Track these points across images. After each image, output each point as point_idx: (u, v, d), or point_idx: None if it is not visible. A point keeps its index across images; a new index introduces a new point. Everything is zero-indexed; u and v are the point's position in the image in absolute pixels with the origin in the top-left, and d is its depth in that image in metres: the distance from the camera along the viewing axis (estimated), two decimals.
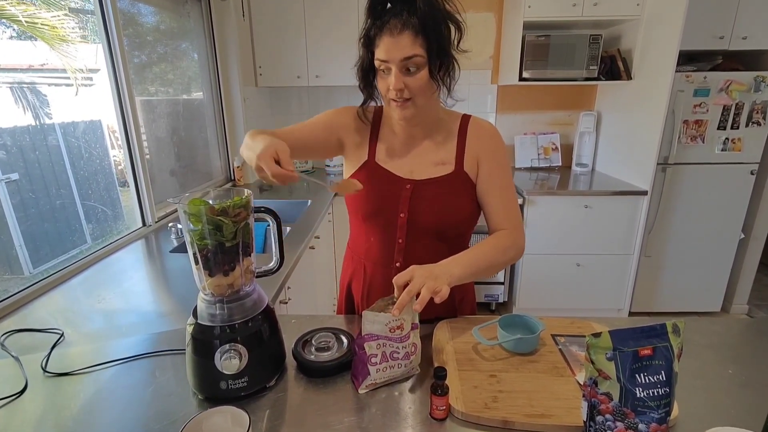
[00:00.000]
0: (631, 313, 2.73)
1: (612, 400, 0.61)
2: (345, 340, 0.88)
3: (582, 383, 0.77)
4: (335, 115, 1.03)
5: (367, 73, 0.92)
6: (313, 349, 0.86)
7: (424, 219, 0.96)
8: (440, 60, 0.87)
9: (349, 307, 1.14)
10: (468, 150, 0.98)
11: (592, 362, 0.61)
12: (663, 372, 0.59)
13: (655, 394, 0.59)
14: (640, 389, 0.59)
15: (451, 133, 0.99)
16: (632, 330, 0.60)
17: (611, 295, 2.68)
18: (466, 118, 1.01)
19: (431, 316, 0.98)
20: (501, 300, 2.80)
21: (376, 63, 0.87)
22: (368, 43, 0.88)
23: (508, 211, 0.98)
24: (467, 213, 0.98)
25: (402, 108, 0.89)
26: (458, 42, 0.88)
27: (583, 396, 0.64)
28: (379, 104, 1.00)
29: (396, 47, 0.83)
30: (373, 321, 0.74)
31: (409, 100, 0.88)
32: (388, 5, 0.85)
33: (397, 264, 0.99)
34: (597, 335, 0.60)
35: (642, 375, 0.59)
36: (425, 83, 0.87)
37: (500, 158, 0.99)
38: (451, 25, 0.86)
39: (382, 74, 0.89)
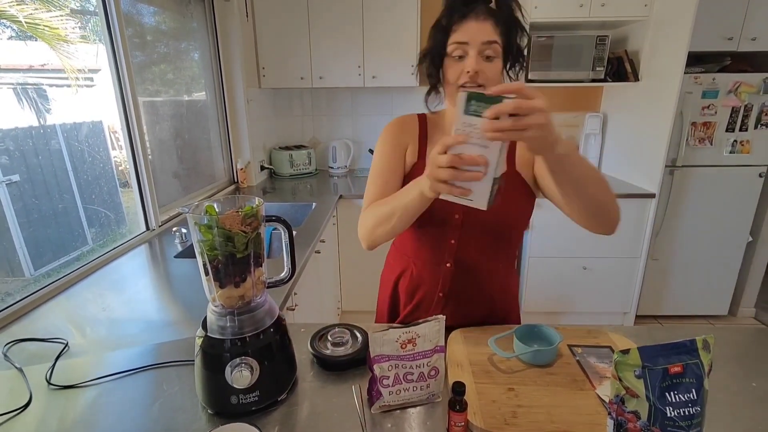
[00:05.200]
0: (638, 317, 2.70)
1: (640, 419, 0.58)
2: (359, 336, 0.90)
3: (603, 397, 0.75)
4: (392, 133, 1.02)
5: (437, 59, 0.91)
6: (329, 344, 0.88)
7: (478, 220, 0.94)
8: (514, 57, 0.89)
9: (393, 306, 1.11)
10: (519, 149, 0.96)
11: (620, 379, 0.59)
12: (694, 390, 0.57)
13: (686, 413, 0.56)
14: (671, 408, 0.56)
15: None
16: (662, 346, 0.58)
17: (618, 298, 2.66)
18: None
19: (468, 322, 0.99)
20: None
21: (451, 48, 0.87)
22: (446, 29, 0.88)
23: None
24: (521, 213, 0.98)
25: None
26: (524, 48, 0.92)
27: (609, 414, 0.62)
28: (438, 99, 0.99)
29: (479, 30, 0.84)
30: (381, 342, 0.71)
31: (481, 88, 0.86)
32: (469, 6, 0.86)
33: (447, 264, 0.99)
34: (625, 352, 0.57)
35: (672, 393, 0.57)
36: (498, 74, 0.88)
37: None
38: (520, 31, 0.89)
39: (454, 60, 0.87)
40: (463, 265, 0.99)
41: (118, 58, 1.65)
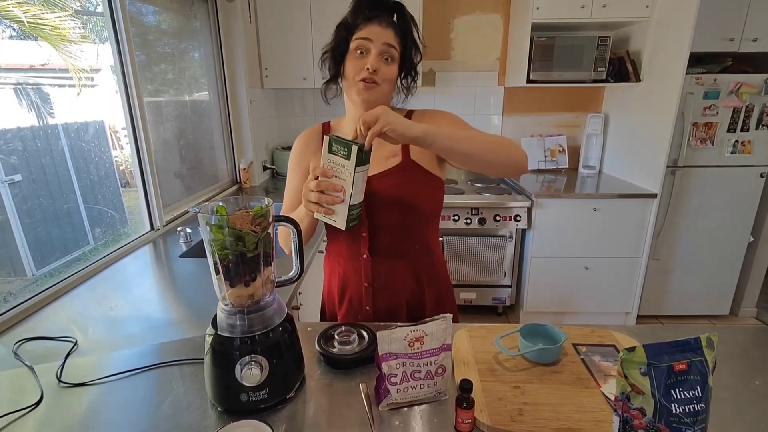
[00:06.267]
0: (639, 317, 2.71)
1: (645, 415, 0.59)
2: (365, 335, 0.91)
3: (608, 395, 0.76)
4: (297, 157, 1.09)
5: (338, 55, 0.98)
6: (336, 343, 0.89)
7: (380, 211, 0.99)
8: (407, 70, 1.00)
9: (330, 307, 1.16)
10: None
11: (626, 376, 0.60)
12: (698, 387, 0.58)
13: (691, 410, 0.57)
14: (676, 405, 0.57)
15: None
16: (666, 344, 0.59)
17: (620, 298, 2.67)
18: (410, 112, 1.05)
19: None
20: (508, 303, 2.78)
21: (355, 43, 0.93)
22: (351, 27, 0.94)
23: None
24: (424, 200, 1.01)
25: (367, 90, 0.94)
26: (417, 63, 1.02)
27: (615, 411, 0.63)
28: (339, 92, 1.05)
29: (382, 33, 0.92)
30: (390, 340, 0.72)
31: (377, 85, 0.94)
32: (373, 12, 0.93)
33: (364, 256, 1.03)
34: (631, 349, 0.58)
35: (677, 390, 0.58)
36: (394, 79, 0.97)
37: (451, 121, 1.02)
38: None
39: (355, 57, 0.94)
40: (378, 253, 1.03)
41: (124, 59, 1.66)
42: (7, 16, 1.55)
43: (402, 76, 1.00)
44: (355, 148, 0.76)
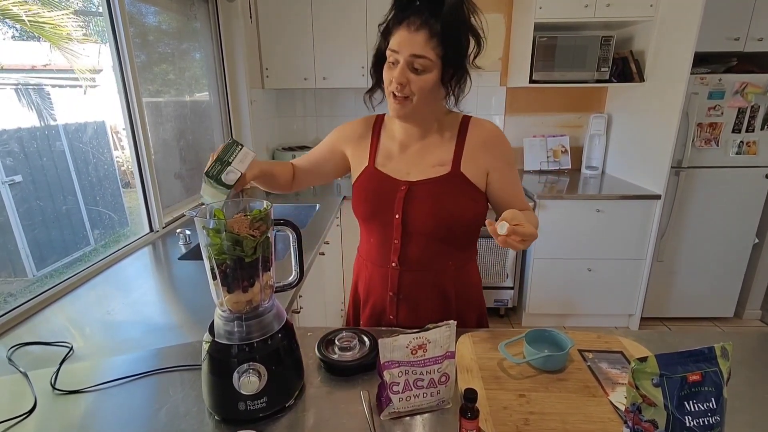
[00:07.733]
0: (643, 318, 2.69)
1: (657, 428, 0.57)
2: (367, 341, 0.89)
3: (617, 404, 0.74)
4: (337, 132, 1.10)
5: (379, 61, 0.93)
6: (336, 349, 0.87)
7: (417, 219, 0.95)
8: (454, 69, 0.87)
9: (356, 309, 1.13)
10: (467, 151, 0.96)
11: (637, 387, 0.57)
12: (713, 399, 0.56)
13: (706, 423, 0.55)
14: (690, 418, 0.55)
15: (450, 134, 0.98)
16: (679, 354, 0.57)
17: (623, 299, 2.64)
18: (466, 119, 1.00)
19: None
20: (510, 305, 2.76)
21: (387, 53, 0.88)
22: (386, 32, 0.89)
23: (521, 203, 1.01)
24: (467, 214, 0.97)
25: (399, 104, 0.90)
26: (475, 57, 0.90)
27: (625, 422, 0.61)
28: (383, 99, 0.99)
29: (408, 42, 0.83)
30: (392, 348, 0.70)
31: (408, 99, 0.88)
32: (416, 2, 0.85)
33: (393, 264, 1.00)
34: (643, 360, 0.56)
35: (691, 402, 0.56)
36: (429, 86, 0.87)
37: (509, 159, 1.00)
38: (471, 39, 0.88)
39: (390, 66, 0.89)
40: (409, 264, 0.99)
41: (123, 59, 1.64)
42: (7, 15, 1.53)
43: (449, 78, 0.88)
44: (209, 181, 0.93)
